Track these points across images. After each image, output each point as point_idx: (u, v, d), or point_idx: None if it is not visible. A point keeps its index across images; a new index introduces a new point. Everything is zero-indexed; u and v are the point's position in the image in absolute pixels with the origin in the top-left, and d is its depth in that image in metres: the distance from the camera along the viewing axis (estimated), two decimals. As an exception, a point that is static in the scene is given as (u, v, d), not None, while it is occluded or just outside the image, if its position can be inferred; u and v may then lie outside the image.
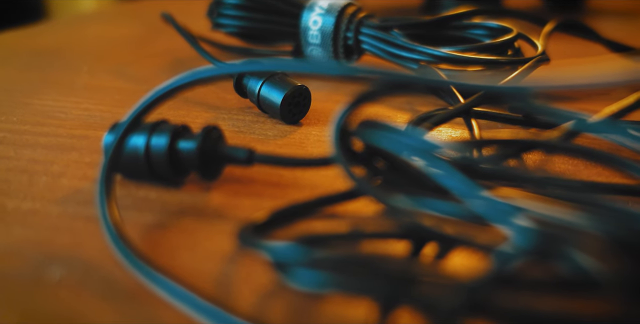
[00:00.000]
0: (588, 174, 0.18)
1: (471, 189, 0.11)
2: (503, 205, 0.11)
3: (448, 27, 0.27)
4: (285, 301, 0.12)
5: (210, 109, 0.24)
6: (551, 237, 0.10)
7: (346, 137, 0.14)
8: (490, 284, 0.10)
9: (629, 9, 0.59)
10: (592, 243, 0.09)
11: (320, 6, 0.28)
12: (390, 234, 0.13)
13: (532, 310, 0.10)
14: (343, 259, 0.12)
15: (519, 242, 0.10)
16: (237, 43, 0.32)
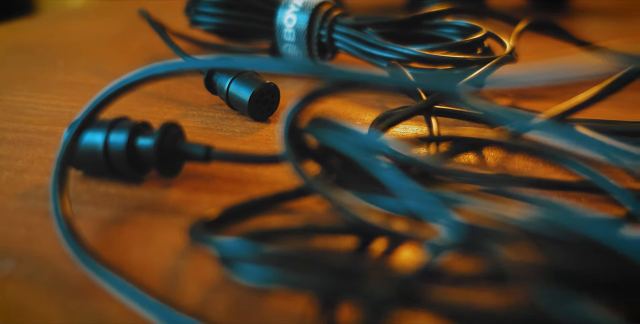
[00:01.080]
0: (545, 171, 0.18)
1: (406, 185, 0.11)
2: (434, 200, 0.11)
3: (421, 26, 0.27)
4: (230, 296, 0.12)
5: (181, 106, 0.24)
6: (477, 231, 0.10)
7: (296, 135, 0.14)
8: (420, 276, 0.10)
9: (614, 9, 0.60)
10: (513, 238, 0.10)
11: (295, 4, 0.28)
12: (338, 230, 0.14)
13: (461, 302, 0.10)
14: (288, 254, 0.12)
15: (448, 235, 0.10)
16: (216, 40, 0.33)
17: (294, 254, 0.12)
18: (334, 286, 0.11)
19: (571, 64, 0.14)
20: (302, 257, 0.12)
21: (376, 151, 0.13)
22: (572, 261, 0.10)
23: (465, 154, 0.18)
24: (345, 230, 0.14)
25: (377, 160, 0.12)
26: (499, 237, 0.10)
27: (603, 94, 0.17)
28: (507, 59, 0.23)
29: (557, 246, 0.10)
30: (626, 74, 0.17)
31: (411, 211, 0.12)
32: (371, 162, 0.12)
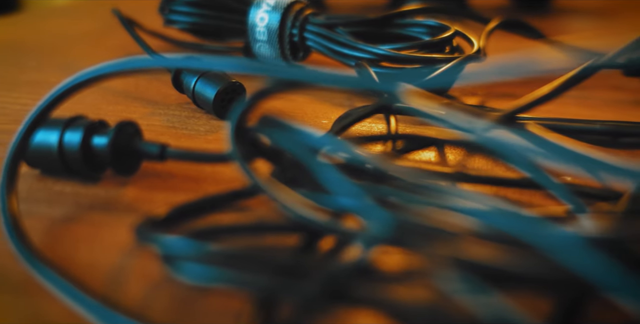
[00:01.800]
0: (502, 169, 0.19)
1: (338, 181, 0.11)
2: (364, 195, 0.11)
3: (392, 25, 0.28)
4: (172, 295, 0.13)
5: (148, 104, 0.24)
6: (407, 227, 0.10)
7: (244, 133, 0.14)
8: (348, 272, 0.10)
9: (595, 8, 0.60)
10: (442, 233, 0.10)
11: (267, 3, 0.28)
12: (285, 228, 0.14)
13: (394, 298, 0.10)
14: (231, 253, 0.12)
15: (377, 230, 0.10)
16: (192, 39, 0.33)
17: (237, 252, 0.12)
18: (273, 284, 0.11)
19: (531, 59, 0.14)
20: (244, 255, 0.12)
21: (318, 150, 0.13)
22: (495, 257, 0.10)
23: (425, 152, 0.18)
24: (291, 228, 0.14)
25: (316, 158, 0.12)
26: (427, 233, 0.10)
27: (558, 91, 0.17)
28: (471, 58, 0.23)
29: (486, 242, 0.10)
30: (582, 71, 0.17)
31: (346, 206, 0.12)
32: (310, 160, 0.12)
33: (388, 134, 0.17)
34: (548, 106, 0.27)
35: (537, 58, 0.15)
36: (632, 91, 0.29)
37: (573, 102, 0.27)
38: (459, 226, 0.11)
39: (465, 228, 0.11)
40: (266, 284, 0.11)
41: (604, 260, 0.09)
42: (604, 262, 0.09)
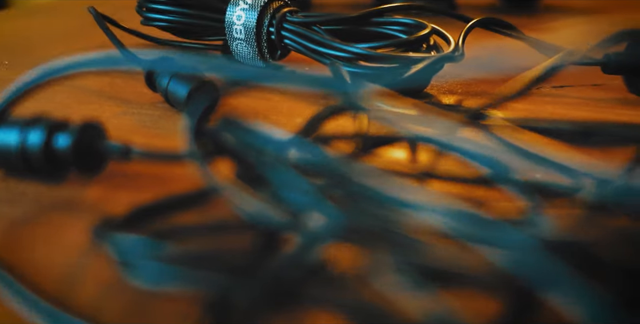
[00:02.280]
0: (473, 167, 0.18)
1: (288, 178, 0.11)
2: (312, 190, 0.11)
3: (369, 23, 0.27)
4: (125, 297, 0.12)
5: (122, 103, 0.24)
6: (357, 223, 0.10)
7: (203, 133, 0.14)
8: (296, 270, 0.10)
9: (583, 8, 0.60)
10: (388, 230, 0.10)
11: (245, 1, 0.28)
12: (243, 228, 0.14)
13: (337, 296, 0.10)
14: (186, 254, 0.12)
15: (327, 229, 0.10)
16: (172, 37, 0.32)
17: (192, 253, 0.12)
18: (225, 285, 0.11)
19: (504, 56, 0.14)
20: (200, 256, 0.12)
21: (274, 150, 0.13)
22: (444, 257, 0.10)
23: (395, 151, 0.18)
24: (250, 228, 0.14)
25: (269, 157, 0.12)
26: (378, 232, 0.10)
27: (524, 90, 0.17)
28: (446, 57, 0.23)
29: (437, 242, 0.10)
30: (548, 70, 0.17)
31: (297, 205, 0.11)
32: (264, 159, 0.12)
33: (356, 133, 0.17)
34: (526, 104, 0.27)
35: (509, 55, 0.15)
36: (612, 88, 0.29)
37: (551, 100, 0.27)
38: (411, 226, 0.11)
39: (417, 228, 0.11)
40: (219, 284, 0.11)
41: (546, 263, 0.09)
42: (546, 265, 0.09)
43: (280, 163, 0.12)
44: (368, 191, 0.11)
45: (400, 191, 0.11)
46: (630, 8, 0.60)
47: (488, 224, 0.10)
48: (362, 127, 0.17)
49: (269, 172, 0.12)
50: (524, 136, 0.17)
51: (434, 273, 0.10)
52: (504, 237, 0.10)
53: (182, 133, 0.14)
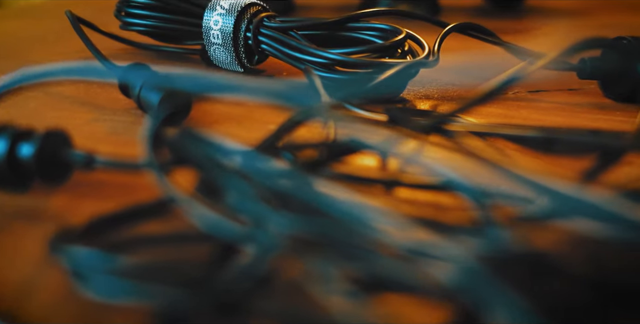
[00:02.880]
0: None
1: (241, 191, 0.11)
2: (261, 205, 0.11)
3: (346, 29, 0.27)
4: (76, 309, 0.12)
5: (95, 110, 0.24)
6: (302, 238, 0.10)
7: (161, 143, 0.14)
8: (242, 282, 0.10)
9: (569, 9, 0.60)
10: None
11: (222, 6, 0.28)
12: (200, 239, 0.14)
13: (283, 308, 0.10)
14: (140, 266, 0.12)
15: (274, 241, 0.10)
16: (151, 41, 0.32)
17: (147, 265, 0.12)
18: (175, 298, 0.11)
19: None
20: (154, 269, 0.12)
21: (230, 161, 0.13)
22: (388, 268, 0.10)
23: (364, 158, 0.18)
24: (206, 239, 0.14)
25: (222, 168, 0.12)
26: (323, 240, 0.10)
27: (487, 96, 0.17)
28: (419, 63, 0.23)
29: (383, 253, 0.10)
30: (511, 77, 0.17)
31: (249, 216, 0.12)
32: (218, 170, 0.12)
33: (320, 142, 0.17)
34: (501, 109, 0.27)
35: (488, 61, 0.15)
36: (588, 93, 0.29)
37: (526, 105, 0.28)
38: (359, 237, 0.11)
39: (364, 239, 0.11)
40: (169, 298, 0.11)
41: (482, 280, 0.09)
42: (481, 282, 0.09)
43: (234, 175, 0.12)
44: (317, 202, 0.11)
45: (349, 203, 0.11)
46: (614, 9, 0.60)
47: (429, 239, 0.10)
48: (325, 137, 0.17)
49: (223, 183, 0.12)
50: (489, 143, 0.17)
51: (377, 283, 0.10)
52: (443, 252, 0.10)
53: (140, 142, 0.14)
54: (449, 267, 0.10)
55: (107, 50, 0.33)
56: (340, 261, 0.10)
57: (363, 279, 0.10)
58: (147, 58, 0.32)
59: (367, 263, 0.10)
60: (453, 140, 0.17)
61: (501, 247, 0.11)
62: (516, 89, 0.29)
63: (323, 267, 0.10)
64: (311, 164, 0.16)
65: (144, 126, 0.14)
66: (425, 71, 0.27)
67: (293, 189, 0.11)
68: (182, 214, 0.15)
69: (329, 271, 0.10)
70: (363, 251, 0.10)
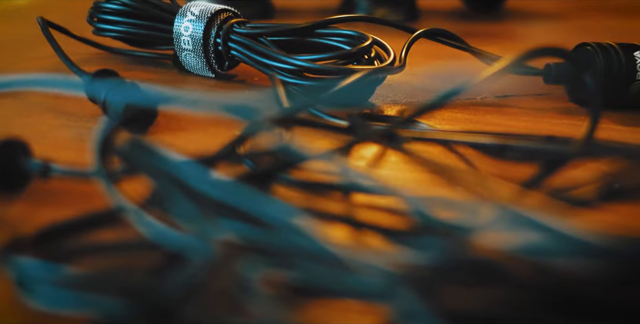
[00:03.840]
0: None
1: (181, 203, 0.12)
2: (198, 214, 0.11)
3: (314, 35, 0.28)
4: (22, 320, 0.13)
5: (62, 116, 0.24)
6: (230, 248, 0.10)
7: (110, 152, 0.14)
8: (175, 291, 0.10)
9: (549, 12, 0.61)
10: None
11: (192, 12, 0.28)
12: (147, 247, 0.14)
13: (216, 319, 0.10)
14: (83, 277, 0.12)
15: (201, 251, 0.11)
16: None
17: (88, 276, 0.12)
18: (115, 308, 0.11)
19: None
20: (95, 279, 0.12)
21: (174, 173, 0.13)
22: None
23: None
24: (154, 247, 0.14)
25: (166, 181, 0.12)
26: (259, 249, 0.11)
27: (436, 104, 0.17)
28: (381, 69, 0.23)
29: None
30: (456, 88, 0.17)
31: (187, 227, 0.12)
32: (162, 182, 0.12)
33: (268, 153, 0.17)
34: (467, 114, 0.27)
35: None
36: (554, 98, 0.29)
37: (492, 110, 0.28)
38: (291, 245, 0.11)
39: (295, 247, 0.11)
40: (109, 307, 0.11)
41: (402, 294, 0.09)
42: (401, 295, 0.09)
43: (175, 184, 0.12)
44: (253, 210, 0.11)
45: (285, 212, 0.11)
46: (593, 12, 0.61)
47: (358, 247, 0.11)
48: (273, 148, 0.17)
49: (166, 193, 0.12)
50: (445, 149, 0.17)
51: (308, 289, 0.10)
52: (371, 260, 0.10)
53: (90, 151, 0.14)
54: (376, 274, 0.10)
55: (82, 55, 0.34)
56: (273, 267, 0.11)
57: (294, 286, 0.10)
58: (120, 63, 0.32)
59: (299, 270, 0.11)
60: (405, 147, 0.17)
61: (441, 255, 0.11)
62: (484, 94, 0.29)
63: (252, 274, 0.10)
64: (270, 171, 0.17)
65: (93, 135, 0.14)
66: (397, 76, 0.27)
67: (231, 198, 0.12)
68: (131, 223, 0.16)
69: (256, 278, 0.10)
70: (296, 258, 0.11)
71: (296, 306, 0.10)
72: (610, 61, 0.26)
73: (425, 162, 0.15)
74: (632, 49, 0.27)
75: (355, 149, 0.18)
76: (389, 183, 0.13)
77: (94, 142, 0.14)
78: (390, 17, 0.49)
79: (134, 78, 0.31)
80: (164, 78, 0.30)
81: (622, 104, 0.27)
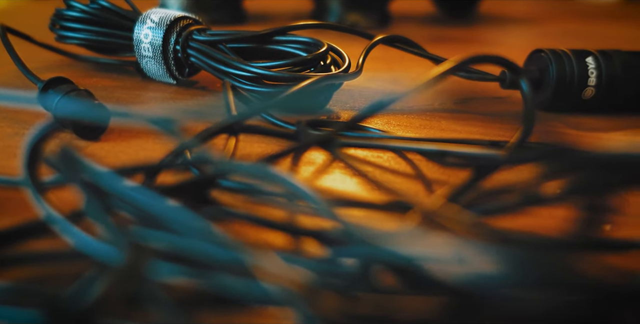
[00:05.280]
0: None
1: (93, 210, 0.12)
2: (111, 226, 0.11)
3: (273, 42, 0.28)
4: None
5: (15, 124, 0.24)
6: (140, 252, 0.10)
7: (38, 163, 0.14)
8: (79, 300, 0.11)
9: (523, 16, 0.61)
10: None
11: (152, 19, 0.28)
12: (74, 258, 0.14)
13: None
14: (8, 287, 0.12)
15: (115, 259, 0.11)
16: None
17: (8, 287, 0.12)
18: (31, 319, 0.12)
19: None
20: (16, 290, 0.12)
21: (95, 182, 0.13)
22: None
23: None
24: (81, 257, 0.14)
25: (87, 192, 0.12)
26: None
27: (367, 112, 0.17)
28: (332, 76, 0.23)
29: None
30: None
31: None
32: (84, 191, 0.13)
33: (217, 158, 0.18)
34: (423, 120, 0.27)
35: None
36: (513, 102, 0.30)
37: (449, 115, 0.28)
38: (202, 254, 0.11)
39: (206, 256, 0.11)
40: (26, 319, 0.12)
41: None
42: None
43: (96, 194, 0.12)
44: (167, 219, 0.11)
45: (198, 222, 0.12)
46: (565, 17, 0.62)
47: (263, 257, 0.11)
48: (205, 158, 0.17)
49: (87, 202, 0.13)
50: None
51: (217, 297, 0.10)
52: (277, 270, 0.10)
53: (19, 160, 0.14)
54: (278, 282, 0.10)
55: (46, 62, 0.34)
56: (181, 274, 0.11)
57: (201, 292, 0.10)
58: (84, 69, 0.32)
59: (206, 277, 0.11)
60: (340, 153, 0.17)
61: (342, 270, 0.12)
62: (442, 100, 0.29)
63: (158, 279, 0.10)
64: (211, 177, 0.17)
65: (22, 144, 0.14)
66: (358, 82, 0.27)
67: (147, 207, 0.12)
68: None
69: (161, 283, 0.10)
70: (206, 267, 0.11)
71: (198, 312, 0.10)
72: (562, 67, 0.27)
73: (353, 168, 0.16)
74: (584, 55, 0.27)
75: (294, 156, 0.19)
76: (316, 190, 0.13)
77: (22, 151, 0.14)
78: (362, 23, 0.49)
79: (96, 85, 0.31)
80: (126, 85, 0.30)
81: (576, 109, 0.28)
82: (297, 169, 0.21)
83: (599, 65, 0.27)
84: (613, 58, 0.27)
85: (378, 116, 0.27)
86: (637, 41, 0.37)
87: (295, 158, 0.19)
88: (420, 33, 0.50)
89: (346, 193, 0.16)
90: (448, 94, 0.30)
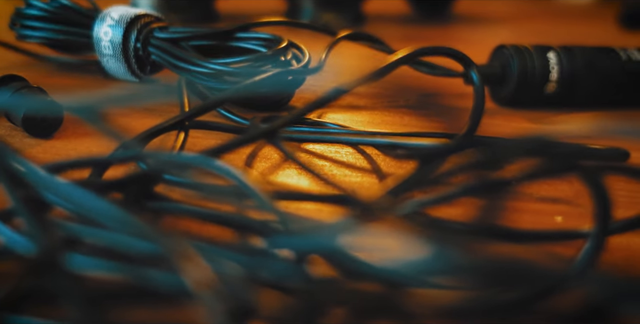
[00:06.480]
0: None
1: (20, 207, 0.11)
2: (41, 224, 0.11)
3: (234, 39, 0.28)
4: None
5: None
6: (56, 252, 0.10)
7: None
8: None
9: (499, 16, 0.62)
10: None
11: (112, 17, 0.28)
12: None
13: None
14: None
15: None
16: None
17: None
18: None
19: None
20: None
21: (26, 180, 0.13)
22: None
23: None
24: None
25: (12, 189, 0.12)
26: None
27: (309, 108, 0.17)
28: (287, 72, 0.23)
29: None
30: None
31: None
32: (12, 190, 0.12)
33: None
34: (383, 115, 0.27)
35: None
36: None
37: (410, 111, 0.28)
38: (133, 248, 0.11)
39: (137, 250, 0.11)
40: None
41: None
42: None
43: (15, 195, 0.12)
44: (86, 213, 0.11)
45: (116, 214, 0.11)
46: (539, 16, 0.62)
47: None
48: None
49: (16, 201, 0.12)
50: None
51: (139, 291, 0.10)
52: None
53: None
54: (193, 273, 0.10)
55: (6, 61, 0.33)
56: (104, 269, 0.10)
57: (121, 286, 0.10)
58: (46, 69, 0.32)
59: (129, 272, 0.10)
60: (282, 148, 0.17)
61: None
62: (406, 96, 0.29)
63: (76, 272, 0.10)
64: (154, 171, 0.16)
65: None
66: (324, 78, 0.27)
67: (67, 200, 0.11)
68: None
69: (79, 276, 0.10)
70: (130, 260, 0.11)
71: (116, 306, 0.10)
72: (524, 63, 0.27)
73: (296, 161, 0.15)
74: (545, 50, 0.27)
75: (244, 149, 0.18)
76: (257, 182, 0.13)
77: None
78: (336, 22, 0.49)
79: (57, 84, 0.31)
80: (87, 84, 0.30)
81: (538, 103, 0.28)
82: (252, 164, 0.20)
83: (560, 61, 0.27)
84: (575, 53, 0.27)
85: (340, 112, 0.27)
86: (607, 40, 0.37)
87: (251, 155, 0.19)
88: (393, 32, 0.50)
89: (291, 186, 0.16)
90: (412, 91, 0.30)
